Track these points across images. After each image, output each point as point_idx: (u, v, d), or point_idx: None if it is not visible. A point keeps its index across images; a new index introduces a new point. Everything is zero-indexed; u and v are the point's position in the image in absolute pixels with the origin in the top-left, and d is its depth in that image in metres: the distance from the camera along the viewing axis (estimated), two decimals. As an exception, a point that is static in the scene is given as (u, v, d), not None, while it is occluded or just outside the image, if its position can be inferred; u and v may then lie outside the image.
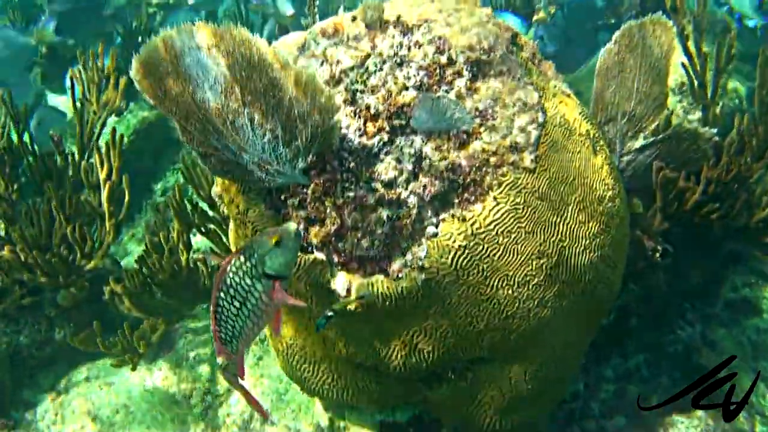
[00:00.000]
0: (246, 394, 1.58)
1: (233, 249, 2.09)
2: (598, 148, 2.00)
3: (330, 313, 1.80)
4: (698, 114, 2.95)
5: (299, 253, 1.81)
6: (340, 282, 1.82)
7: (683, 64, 2.68)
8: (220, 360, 1.51)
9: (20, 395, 2.94)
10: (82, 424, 2.70)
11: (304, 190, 1.80)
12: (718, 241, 2.63)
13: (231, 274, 1.48)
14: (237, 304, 1.49)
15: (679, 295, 2.69)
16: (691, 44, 2.75)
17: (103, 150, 2.87)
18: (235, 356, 1.53)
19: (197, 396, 2.83)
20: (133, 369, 2.79)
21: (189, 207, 2.77)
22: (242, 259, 1.48)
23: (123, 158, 2.87)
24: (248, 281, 1.49)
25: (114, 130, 2.93)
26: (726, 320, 2.81)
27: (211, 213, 2.81)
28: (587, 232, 1.88)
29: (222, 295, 1.48)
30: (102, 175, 2.85)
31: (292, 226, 1.52)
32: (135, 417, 2.69)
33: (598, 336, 2.24)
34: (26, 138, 3.13)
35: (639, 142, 2.33)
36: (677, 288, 2.63)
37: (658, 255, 2.37)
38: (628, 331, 2.60)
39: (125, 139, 3.91)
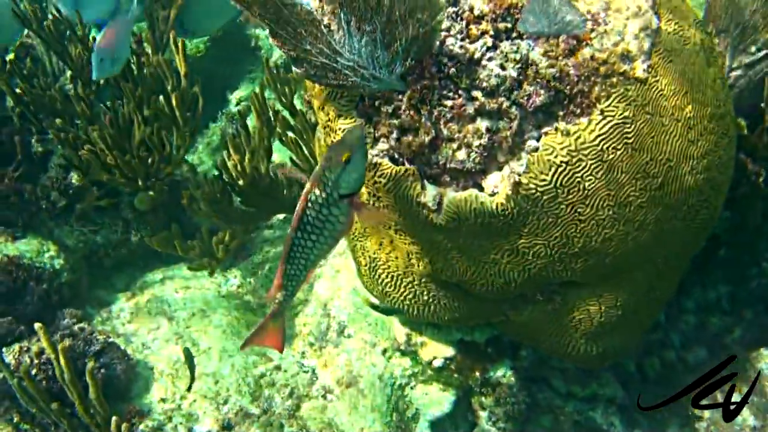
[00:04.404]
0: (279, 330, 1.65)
1: (318, 158, 2.03)
2: (711, 59, 1.85)
3: None
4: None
5: (389, 165, 1.74)
6: (431, 194, 1.74)
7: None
8: (278, 295, 1.56)
9: (96, 294, 2.99)
10: (158, 324, 2.72)
11: (399, 96, 1.71)
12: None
13: (308, 210, 1.48)
14: (314, 237, 1.50)
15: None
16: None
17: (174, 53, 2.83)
18: (290, 297, 1.58)
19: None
20: (211, 274, 2.80)
21: (271, 114, 2.71)
22: (317, 191, 1.47)
23: (199, 65, 2.81)
24: (325, 211, 1.48)
25: (172, 35, 2.89)
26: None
27: (292, 121, 2.75)
28: (696, 152, 1.76)
29: (299, 234, 1.49)
30: (170, 85, 2.82)
31: (355, 132, 1.50)
32: (211, 321, 2.70)
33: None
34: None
35: (749, 57, 2.17)
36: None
37: (761, 180, 2.23)
38: (715, 261, 2.49)
39: (201, 45, 3.87)
